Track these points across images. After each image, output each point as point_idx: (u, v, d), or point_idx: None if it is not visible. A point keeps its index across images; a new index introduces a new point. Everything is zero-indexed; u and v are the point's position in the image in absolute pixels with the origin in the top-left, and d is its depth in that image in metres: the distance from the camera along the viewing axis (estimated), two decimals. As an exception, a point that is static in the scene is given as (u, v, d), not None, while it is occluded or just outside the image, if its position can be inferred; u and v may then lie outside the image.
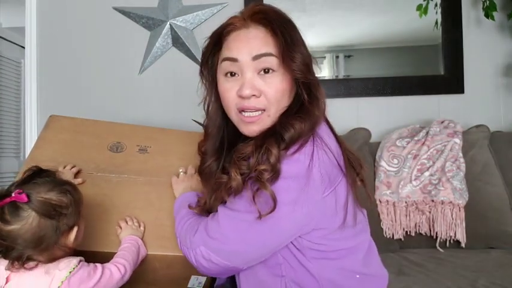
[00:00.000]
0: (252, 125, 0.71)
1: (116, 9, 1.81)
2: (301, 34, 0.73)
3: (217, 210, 0.73)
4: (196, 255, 0.72)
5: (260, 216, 0.63)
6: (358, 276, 0.73)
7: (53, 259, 0.72)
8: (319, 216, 0.68)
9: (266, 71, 0.69)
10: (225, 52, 0.72)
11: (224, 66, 0.72)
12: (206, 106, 0.80)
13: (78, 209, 0.76)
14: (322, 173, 0.65)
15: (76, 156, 1.02)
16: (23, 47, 1.98)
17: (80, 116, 1.18)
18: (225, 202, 0.72)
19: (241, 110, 0.70)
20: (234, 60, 0.70)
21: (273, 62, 0.68)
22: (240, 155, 0.68)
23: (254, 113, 0.70)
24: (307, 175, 0.63)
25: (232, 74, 0.71)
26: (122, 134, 1.10)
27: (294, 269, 0.72)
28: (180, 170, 1.00)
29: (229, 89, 0.71)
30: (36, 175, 0.73)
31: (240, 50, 0.70)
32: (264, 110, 0.70)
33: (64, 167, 0.98)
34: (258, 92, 0.69)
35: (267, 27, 0.70)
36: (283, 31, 0.68)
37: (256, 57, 0.68)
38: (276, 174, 0.63)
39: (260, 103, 0.69)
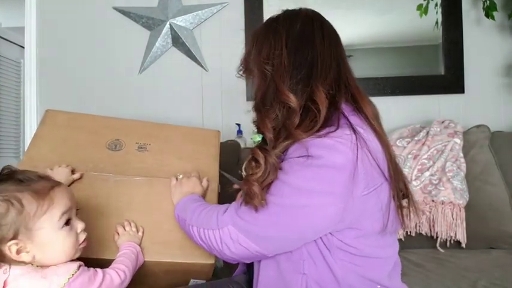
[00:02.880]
0: None
1: (115, 9, 1.81)
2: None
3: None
4: (223, 235, 0.70)
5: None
6: (379, 287, 0.71)
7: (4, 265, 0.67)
8: (356, 215, 0.66)
9: None
10: None
11: None
12: (267, 88, 0.79)
13: (25, 223, 0.66)
14: (365, 170, 0.64)
15: (73, 155, 0.99)
16: (23, 47, 1.98)
17: (80, 116, 1.16)
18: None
19: None
20: None
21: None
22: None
23: None
24: (351, 168, 0.63)
25: None
26: (121, 130, 1.07)
27: (317, 268, 0.70)
28: (179, 174, 0.98)
29: None
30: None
31: None
32: None
33: (59, 167, 0.94)
34: None
35: None
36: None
37: None
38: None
39: None
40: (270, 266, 0.74)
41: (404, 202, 0.76)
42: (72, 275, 0.68)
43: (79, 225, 0.72)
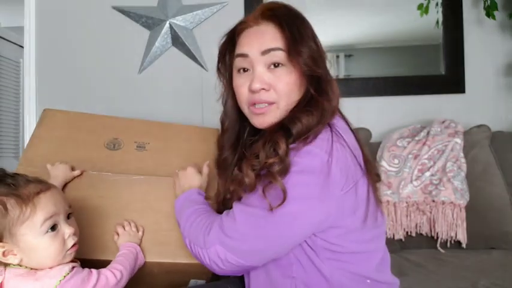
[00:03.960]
0: (262, 116, 0.72)
1: (115, 8, 1.80)
2: (313, 29, 0.75)
3: (231, 207, 0.72)
4: (211, 255, 0.69)
5: (271, 209, 0.63)
6: (369, 281, 0.72)
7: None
8: (337, 214, 0.67)
9: (276, 65, 0.71)
10: (238, 49, 0.75)
11: (237, 63, 0.75)
12: (224, 102, 0.83)
13: (8, 227, 0.67)
14: (341, 168, 0.64)
15: (71, 154, 0.98)
16: (22, 47, 1.97)
17: (79, 116, 1.16)
18: (241, 199, 0.71)
19: (253, 104, 0.73)
20: (244, 56, 0.73)
21: (281, 56, 0.70)
22: (252, 151, 0.69)
23: (263, 105, 0.72)
24: (326, 170, 0.63)
25: (245, 70, 0.74)
26: (119, 129, 1.07)
27: (305, 270, 0.70)
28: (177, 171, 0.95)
29: (241, 85, 0.74)
30: None
31: (250, 46, 0.72)
32: (274, 103, 0.71)
33: (60, 163, 0.94)
34: (267, 85, 0.71)
35: (276, 22, 0.72)
36: (291, 26, 0.71)
37: (264, 52, 0.71)
38: (285, 166, 0.63)
39: (270, 96, 0.71)
40: (260, 275, 0.75)
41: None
42: (64, 276, 0.68)
43: (66, 231, 0.70)
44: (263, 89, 0.70)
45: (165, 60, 1.79)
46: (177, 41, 1.77)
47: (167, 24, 1.77)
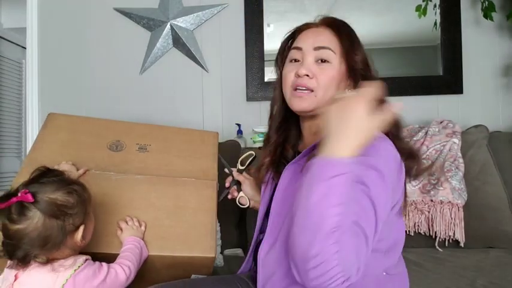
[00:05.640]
0: (300, 100, 0.79)
1: (116, 10, 1.82)
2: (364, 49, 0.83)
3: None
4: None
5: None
6: (384, 273, 0.72)
7: (60, 258, 0.73)
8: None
9: (323, 60, 0.79)
10: (295, 43, 0.84)
11: (291, 54, 0.83)
12: (274, 90, 0.90)
13: (86, 208, 0.76)
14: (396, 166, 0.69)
15: (75, 156, 1.01)
16: (24, 48, 1.99)
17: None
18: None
19: (295, 88, 0.80)
20: (299, 48, 0.81)
21: (330, 55, 0.79)
22: None
23: (304, 90, 0.78)
24: (398, 161, 0.69)
25: (296, 61, 0.81)
26: (121, 132, 1.10)
27: None
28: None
29: (290, 71, 0.81)
30: (44, 175, 0.74)
31: (305, 41, 0.81)
32: (313, 91, 0.78)
33: (65, 163, 0.96)
34: (311, 73, 0.78)
35: (334, 29, 0.81)
36: (347, 34, 0.81)
37: (317, 48, 0.79)
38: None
39: (311, 83, 0.78)
40: (282, 259, 0.71)
41: None
42: (79, 267, 0.72)
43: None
44: (307, 75, 0.77)
45: (166, 61, 1.81)
46: (178, 42, 1.79)
47: (168, 26, 1.78)
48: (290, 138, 0.89)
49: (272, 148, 0.87)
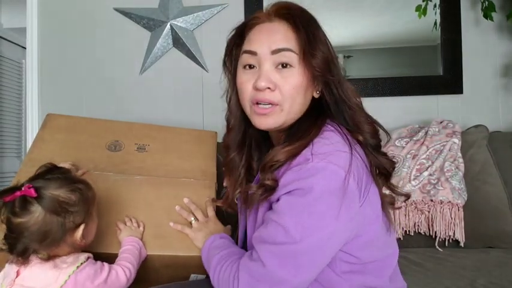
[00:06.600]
0: (265, 118, 0.69)
1: (116, 10, 1.82)
2: (326, 33, 0.72)
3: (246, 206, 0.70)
4: None
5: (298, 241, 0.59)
6: None
7: (62, 255, 0.73)
8: (358, 226, 0.65)
9: (284, 65, 0.68)
10: (246, 45, 0.72)
11: (243, 59, 0.71)
12: (228, 98, 0.78)
13: (88, 207, 0.76)
14: (357, 181, 0.62)
15: (74, 156, 1.01)
16: (24, 48, 1.99)
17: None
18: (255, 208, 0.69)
19: (256, 103, 0.69)
20: (253, 53, 0.69)
21: (291, 57, 0.67)
22: (271, 163, 0.66)
23: (267, 106, 0.68)
24: (344, 187, 0.60)
25: (251, 67, 0.70)
26: (120, 132, 1.10)
27: (323, 287, 0.68)
28: (192, 219, 0.93)
29: (245, 81, 0.70)
30: (50, 172, 0.75)
31: (260, 44, 0.69)
32: (278, 105, 0.68)
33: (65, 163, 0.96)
34: (273, 85, 0.67)
35: (290, 22, 0.69)
36: (305, 28, 0.68)
37: (275, 52, 0.68)
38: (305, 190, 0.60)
39: (274, 97, 0.68)
40: None
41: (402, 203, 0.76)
42: (81, 264, 0.72)
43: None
44: (268, 88, 0.67)
45: (166, 61, 1.80)
46: (178, 42, 1.79)
47: (168, 26, 1.78)
48: (254, 153, 0.79)
49: (237, 176, 0.77)
